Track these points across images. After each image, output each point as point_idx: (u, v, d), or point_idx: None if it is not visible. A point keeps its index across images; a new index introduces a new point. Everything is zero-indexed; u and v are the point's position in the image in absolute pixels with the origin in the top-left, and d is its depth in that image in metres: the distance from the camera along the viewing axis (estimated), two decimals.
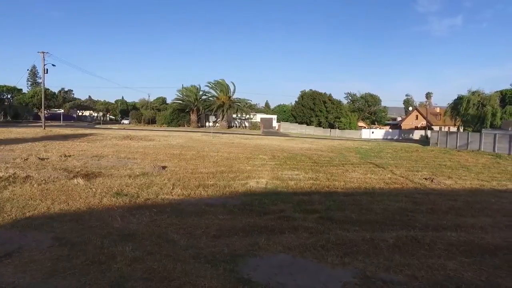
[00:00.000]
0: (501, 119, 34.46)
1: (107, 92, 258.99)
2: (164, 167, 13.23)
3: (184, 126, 58.76)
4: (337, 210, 8.20)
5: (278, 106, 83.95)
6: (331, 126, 63.20)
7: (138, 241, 5.39)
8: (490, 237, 6.57)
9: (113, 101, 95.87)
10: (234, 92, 60.55)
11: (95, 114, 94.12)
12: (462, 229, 7.07)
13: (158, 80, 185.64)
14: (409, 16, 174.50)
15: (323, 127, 63.91)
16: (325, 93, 65.68)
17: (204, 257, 4.87)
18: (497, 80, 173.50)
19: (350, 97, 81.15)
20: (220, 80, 60.17)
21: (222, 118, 57.85)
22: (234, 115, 61.78)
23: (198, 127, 58.33)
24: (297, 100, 69.21)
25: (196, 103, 58.26)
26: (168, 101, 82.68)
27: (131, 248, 4.91)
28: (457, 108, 37.54)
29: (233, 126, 63.18)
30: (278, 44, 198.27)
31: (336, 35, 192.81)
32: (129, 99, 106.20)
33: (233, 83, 60.28)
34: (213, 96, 60.79)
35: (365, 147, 31.91)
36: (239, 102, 60.57)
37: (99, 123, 65.29)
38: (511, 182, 13.76)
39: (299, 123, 65.71)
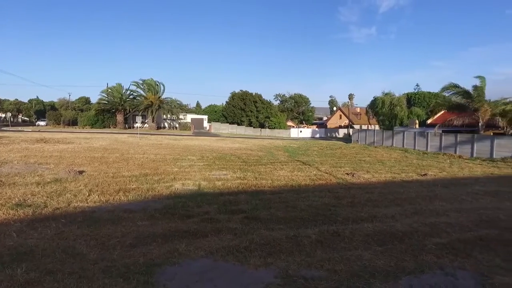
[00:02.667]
0: (408, 118, 38.68)
1: (19, 91, 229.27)
2: (81, 172, 12.02)
3: (110, 127, 54.76)
4: (263, 209, 8.20)
5: (209, 106, 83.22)
6: (262, 126, 64.62)
7: (37, 259, 4.65)
8: (399, 224, 7.14)
9: (26, 101, 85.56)
10: (163, 92, 58.37)
11: (2, 115, 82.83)
12: (377, 219, 7.58)
13: (81, 79, 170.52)
14: (334, 24, 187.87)
15: (254, 127, 65.05)
16: (255, 94, 66.92)
17: (116, 270, 4.38)
18: (406, 84, 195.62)
19: (280, 98, 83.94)
20: (148, 80, 57.41)
21: (152, 119, 55.28)
22: (164, 116, 59.52)
23: (125, 128, 54.91)
24: (228, 100, 69.43)
25: (122, 103, 54.72)
26: (93, 101, 76.27)
27: (25, 270, 4.19)
28: (373, 108, 41.15)
29: (163, 127, 60.83)
30: (210, 44, 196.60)
31: (266, 38, 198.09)
32: (46, 98, 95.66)
33: (161, 83, 58.06)
34: (140, 96, 57.75)
35: (294, 145, 33.16)
36: (169, 102, 58.49)
37: (7, 125, 57.37)
38: (416, 174, 15.39)
39: (230, 123, 65.94)
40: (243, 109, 65.33)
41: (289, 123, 77.69)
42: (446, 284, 4.55)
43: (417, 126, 37.12)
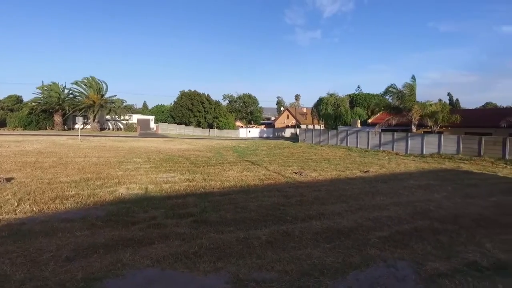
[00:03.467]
0: (351, 118, 40.88)
1: None
2: (9, 179, 10.82)
3: (46, 129, 50.09)
4: (212, 211, 8.05)
5: (157, 106, 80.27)
6: (210, 126, 63.96)
7: None
8: (345, 221, 7.44)
9: None
10: (106, 91, 54.92)
11: None
12: (325, 216, 7.83)
13: (10, 75, 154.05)
14: (280, 26, 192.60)
15: (202, 127, 64.15)
16: (203, 94, 65.98)
17: None
18: (350, 85, 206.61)
19: (228, 98, 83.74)
20: (90, 78, 53.65)
21: (94, 119, 51.72)
22: (108, 116, 56.06)
23: (64, 130, 50.73)
24: (176, 100, 67.53)
25: (60, 103, 50.42)
26: (26, 99, 69.12)
27: None
28: (319, 108, 42.80)
29: (107, 128, 57.25)
30: (156, 44, 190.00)
31: (215, 37, 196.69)
32: None
33: (103, 82, 54.69)
34: (82, 95, 53.74)
35: (242, 145, 33.26)
36: (113, 102, 55.24)
37: None
38: (359, 171, 16.26)
39: (178, 124, 64.29)
40: (191, 110, 64.06)
41: (238, 123, 77.87)
42: (388, 275, 4.81)
43: (359, 125, 39.35)
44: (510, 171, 16.78)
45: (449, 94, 67.71)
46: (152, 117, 68.19)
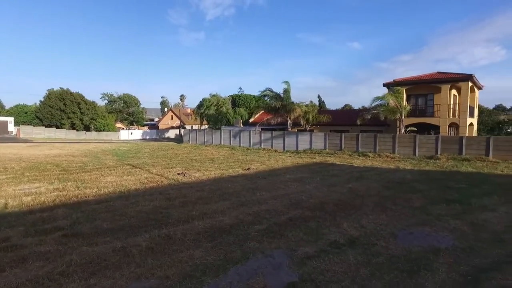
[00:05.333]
0: (233, 118, 42.46)
1: None
2: None
3: None
4: (86, 222, 7.23)
5: (17, 106, 66.87)
6: (87, 129, 57.29)
7: None
8: (227, 218, 7.67)
9: None
10: None
11: None
12: (208, 216, 7.91)
13: None
14: (164, 26, 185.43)
15: (78, 130, 56.95)
16: (77, 93, 58.51)
17: None
18: (234, 86, 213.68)
19: (107, 98, 76.49)
20: None
21: None
22: None
23: None
24: (43, 99, 57.84)
25: None
26: None
27: None
28: (202, 108, 43.07)
29: None
30: (20, 37, 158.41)
31: (92, 34, 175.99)
32: None
33: None
34: None
35: (124, 148, 30.90)
36: None
37: None
38: (241, 168, 16.98)
39: (47, 126, 55.43)
40: (63, 110, 56.03)
41: (119, 124, 71.97)
42: (266, 265, 5.16)
43: (241, 125, 41.16)
44: (362, 161, 20.13)
45: (319, 96, 77.03)
46: (10, 119, 57.15)
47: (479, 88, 30.83)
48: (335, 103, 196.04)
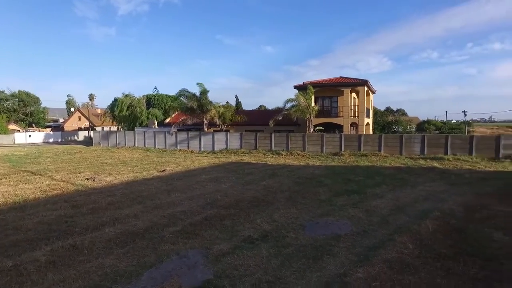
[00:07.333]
0: (148, 118, 40.58)
1: None
2: None
3: None
4: None
5: None
6: None
7: None
8: (140, 222, 7.43)
9: None
10: None
11: None
12: (119, 221, 7.54)
13: None
14: (69, 18, 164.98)
15: None
16: None
17: None
18: (148, 86, 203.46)
19: None
20: None
21: None
22: None
23: None
24: None
25: None
26: None
27: None
28: (114, 109, 40.16)
29: None
30: None
31: None
32: None
33: None
34: None
35: (19, 153, 27.01)
36: None
37: None
38: (156, 170, 16.41)
39: None
40: None
41: (13, 126, 62.44)
42: (181, 266, 5.18)
43: (156, 126, 39.52)
44: (275, 159, 21.22)
45: (236, 97, 78.12)
46: None
47: (373, 92, 35.04)
48: (252, 104, 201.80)
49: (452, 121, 68.92)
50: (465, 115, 55.23)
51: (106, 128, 52.27)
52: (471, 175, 14.20)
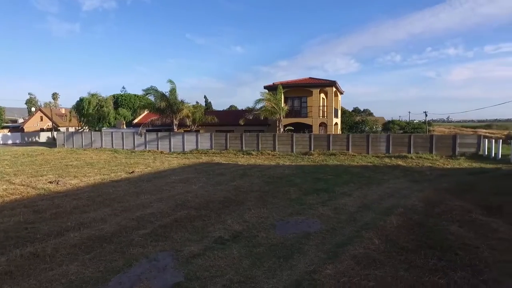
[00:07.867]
0: (115, 119, 39.31)
1: None
2: None
3: None
4: None
5: None
6: None
7: None
8: (108, 225, 7.20)
9: None
10: None
11: None
12: (85, 225, 7.27)
13: None
14: (29, 12, 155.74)
15: None
16: None
17: None
18: (116, 85, 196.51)
19: None
20: None
21: None
22: None
23: None
24: None
25: None
26: None
27: None
28: (80, 109, 38.55)
29: None
30: None
31: None
32: None
33: None
34: None
35: None
36: None
37: None
38: (125, 172, 15.96)
39: None
40: None
41: None
42: (151, 269, 5.09)
43: (124, 126, 38.35)
44: (246, 160, 21.26)
45: (205, 97, 77.36)
46: None
47: (341, 93, 36.00)
48: (222, 104, 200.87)
49: (415, 121, 72.09)
50: (426, 115, 58.11)
51: (71, 129, 50.09)
52: (432, 172, 14.97)
